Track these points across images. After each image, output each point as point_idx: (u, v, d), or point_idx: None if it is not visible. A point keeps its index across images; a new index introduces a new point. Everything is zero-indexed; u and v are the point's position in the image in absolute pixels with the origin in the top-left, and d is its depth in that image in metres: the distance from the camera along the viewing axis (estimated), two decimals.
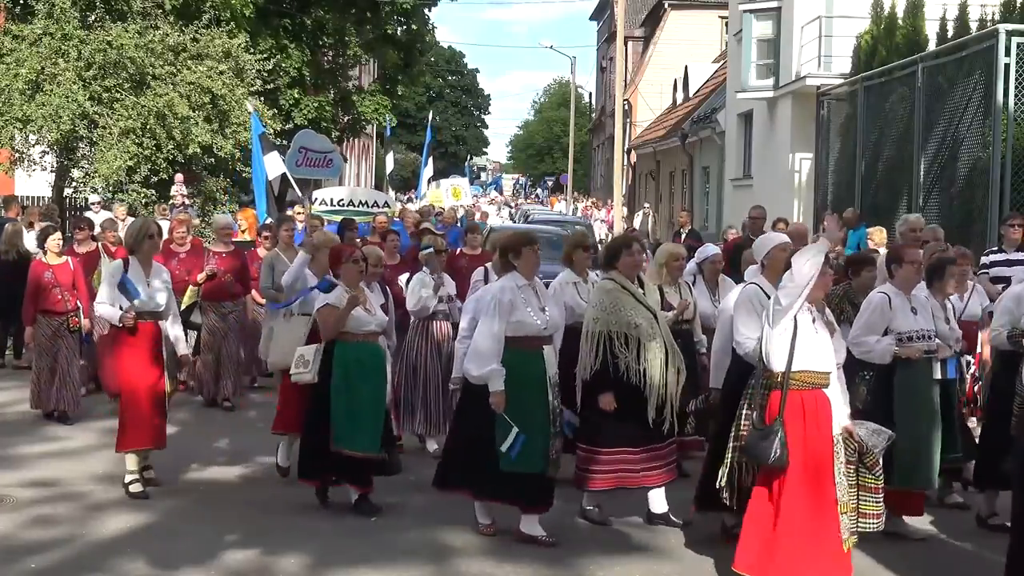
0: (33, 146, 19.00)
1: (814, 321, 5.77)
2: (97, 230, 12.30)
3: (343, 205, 16.77)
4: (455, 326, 8.26)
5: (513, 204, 49.28)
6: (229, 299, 10.80)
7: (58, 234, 10.17)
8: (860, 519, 5.81)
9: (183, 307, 10.49)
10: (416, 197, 32.29)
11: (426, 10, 30.79)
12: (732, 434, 6.02)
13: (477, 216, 26.97)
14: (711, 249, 8.86)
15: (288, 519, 7.04)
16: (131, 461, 7.55)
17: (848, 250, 12.38)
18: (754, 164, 24.11)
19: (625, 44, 33.52)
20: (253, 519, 7.04)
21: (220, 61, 19.22)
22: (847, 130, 18.03)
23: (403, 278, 9.68)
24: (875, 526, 5.89)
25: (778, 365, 5.68)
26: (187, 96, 18.40)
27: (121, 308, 7.44)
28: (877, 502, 5.89)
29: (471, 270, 9.34)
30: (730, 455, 6.02)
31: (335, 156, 14.57)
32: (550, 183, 66.96)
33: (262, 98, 20.89)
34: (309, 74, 26.54)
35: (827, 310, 6.30)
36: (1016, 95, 12.41)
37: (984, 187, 12.68)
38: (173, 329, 7.78)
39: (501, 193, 58.53)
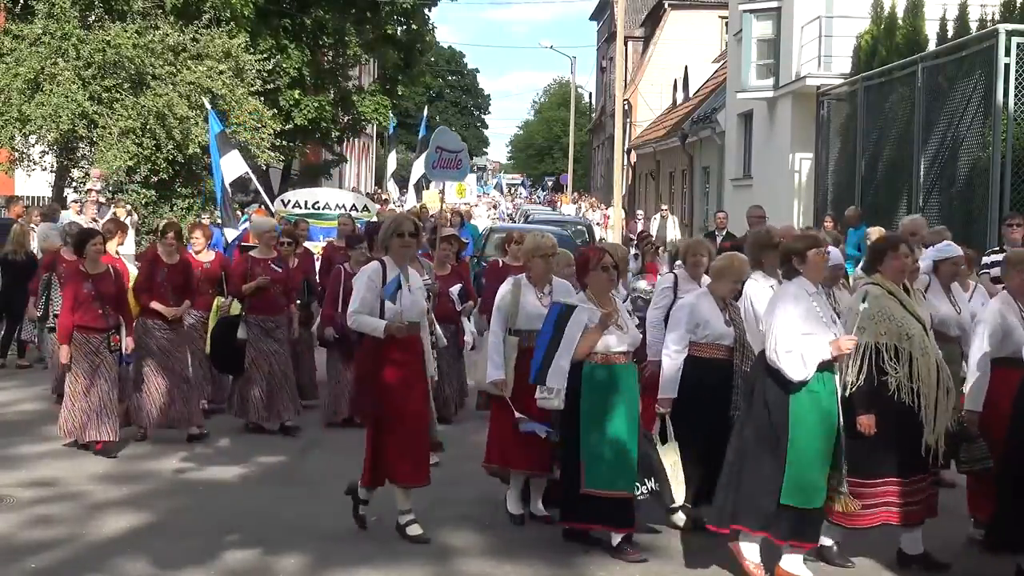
0: (33, 146, 19.01)
1: None
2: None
3: (317, 208, 15.13)
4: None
5: (511, 204, 49.15)
6: (277, 312, 9.66)
7: (100, 238, 8.97)
8: None
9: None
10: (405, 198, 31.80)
11: (426, 10, 30.80)
12: None
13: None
14: (952, 249, 7.68)
15: (288, 519, 7.03)
16: (403, 498, 6.66)
17: (849, 248, 12.37)
18: (754, 164, 24.11)
19: (625, 44, 33.51)
20: (253, 519, 7.03)
21: (220, 61, 19.23)
22: (847, 130, 18.03)
23: (455, 289, 9.25)
24: None
25: None
26: (187, 96, 18.41)
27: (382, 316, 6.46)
28: None
29: None
30: None
31: (464, 155, 13.25)
32: (550, 183, 66.92)
33: (262, 98, 20.90)
34: (309, 74, 26.54)
35: None
36: (1016, 95, 12.42)
37: (984, 187, 12.68)
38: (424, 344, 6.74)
39: (501, 192, 58.51)
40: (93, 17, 19.11)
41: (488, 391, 7.02)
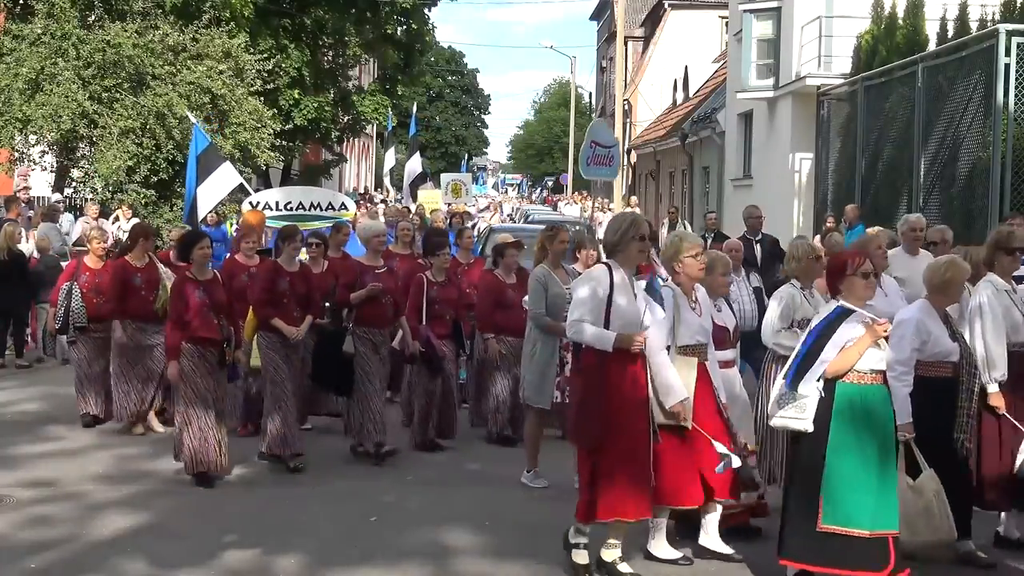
0: (33, 146, 19.03)
1: None
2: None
3: (291, 209, 13.67)
4: None
5: (515, 204, 49.08)
6: (385, 325, 8.83)
7: (207, 240, 8.16)
8: None
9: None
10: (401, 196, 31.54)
11: (426, 10, 30.82)
12: None
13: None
14: None
15: (288, 519, 7.03)
16: (617, 532, 5.95)
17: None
18: (754, 164, 24.10)
19: (625, 44, 33.56)
20: (253, 519, 7.04)
21: (220, 61, 19.25)
22: (847, 130, 18.04)
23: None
24: None
25: None
26: (187, 96, 18.42)
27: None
28: None
29: None
30: None
31: (616, 151, 11.95)
32: (550, 183, 66.90)
33: (262, 98, 20.91)
34: (309, 74, 26.55)
35: None
36: (1016, 95, 12.42)
37: (984, 187, 12.69)
38: (658, 358, 5.90)
39: (498, 191, 58.43)
40: (93, 17, 19.14)
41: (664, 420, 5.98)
